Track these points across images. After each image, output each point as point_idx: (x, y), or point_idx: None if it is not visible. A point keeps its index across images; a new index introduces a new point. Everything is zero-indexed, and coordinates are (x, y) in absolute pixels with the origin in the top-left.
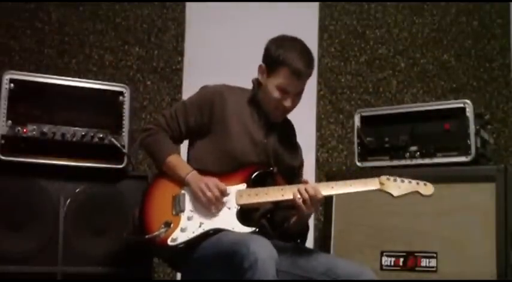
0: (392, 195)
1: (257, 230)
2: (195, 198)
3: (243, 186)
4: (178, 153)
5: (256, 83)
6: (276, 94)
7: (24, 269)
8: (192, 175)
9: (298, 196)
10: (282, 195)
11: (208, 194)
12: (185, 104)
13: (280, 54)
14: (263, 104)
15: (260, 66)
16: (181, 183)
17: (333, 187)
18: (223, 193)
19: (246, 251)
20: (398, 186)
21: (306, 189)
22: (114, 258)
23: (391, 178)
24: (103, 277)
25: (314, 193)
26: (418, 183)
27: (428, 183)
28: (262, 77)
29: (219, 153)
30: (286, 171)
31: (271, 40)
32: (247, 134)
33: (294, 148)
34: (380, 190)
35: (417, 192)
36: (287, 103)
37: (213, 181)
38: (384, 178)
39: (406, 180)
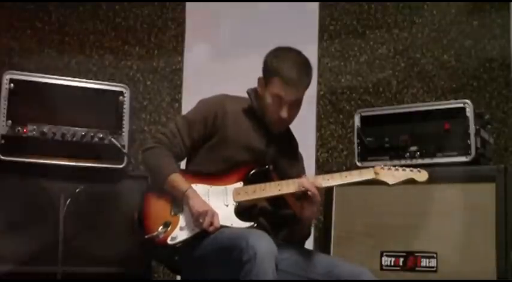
0: (387, 183)
1: (255, 225)
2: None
3: (240, 184)
4: (179, 172)
5: (253, 94)
6: (272, 104)
7: (24, 269)
8: (190, 191)
9: (301, 187)
10: (279, 190)
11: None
12: (187, 119)
13: (274, 63)
14: (263, 115)
15: (259, 78)
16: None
17: (329, 179)
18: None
19: (245, 245)
20: (392, 175)
21: (304, 181)
22: (114, 258)
23: (385, 167)
24: (103, 277)
25: (313, 182)
26: (412, 170)
27: (422, 170)
28: (261, 89)
29: (217, 160)
30: (283, 177)
31: (268, 53)
32: (246, 145)
33: (294, 159)
34: (375, 179)
35: (412, 179)
36: (283, 113)
37: (211, 212)
38: (378, 168)
39: (400, 168)
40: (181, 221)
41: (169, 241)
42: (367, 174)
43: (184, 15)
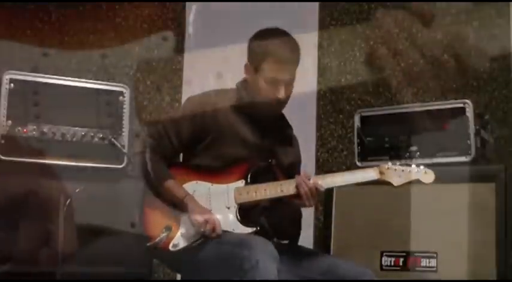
0: (392, 184)
1: (258, 228)
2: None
3: (241, 183)
4: (173, 177)
5: (243, 86)
6: (267, 88)
7: (24, 269)
8: (188, 199)
9: (300, 189)
10: (281, 191)
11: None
12: (175, 119)
13: (262, 46)
14: (255, 102)
15: (245, 65)
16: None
17: (330, 179)
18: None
19: (247, 253)
20: (398, 175)
21: (305, 182)
22: (114, 258)
23: (391, 166)
24: (103, 277)
25: (314, 184)
26: (418, 171)
27: (428, 170)
28: (250, 75)
29: (214, 158)
30: (283, 168)
31: (250, 37)
32: (241, 139)
33: (291, 145)
34: (380, 180)
35: (417, 180)
36: (280, 94)
37: (212, 220)
38: (384, 167)
39: (406, 168)
40: (182, 225)
41: (171, 248)
42: (372, 175)
43: (184, 15)
